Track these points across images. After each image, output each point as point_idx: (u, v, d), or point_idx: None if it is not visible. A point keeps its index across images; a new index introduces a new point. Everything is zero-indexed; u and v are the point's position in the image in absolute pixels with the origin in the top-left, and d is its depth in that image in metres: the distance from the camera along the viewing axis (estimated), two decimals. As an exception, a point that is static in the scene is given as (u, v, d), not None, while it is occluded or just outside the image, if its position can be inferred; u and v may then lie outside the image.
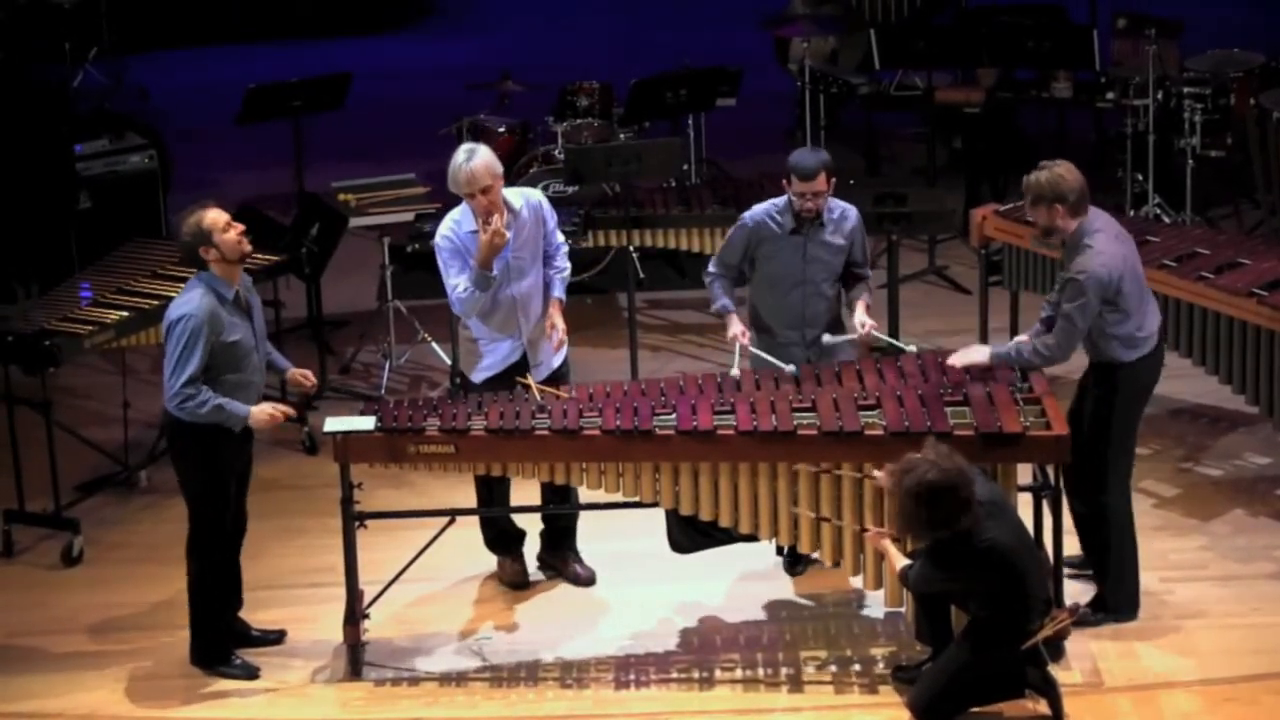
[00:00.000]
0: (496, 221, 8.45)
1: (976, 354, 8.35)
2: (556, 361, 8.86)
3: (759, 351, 8.79)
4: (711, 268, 8.97)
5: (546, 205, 8.83)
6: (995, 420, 7.95)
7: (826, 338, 8.67)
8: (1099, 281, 8.07)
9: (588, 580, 9.02)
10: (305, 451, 10.49)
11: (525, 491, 8.92)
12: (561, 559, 9.08)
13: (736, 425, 8.04)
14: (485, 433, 8.12)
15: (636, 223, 11.05)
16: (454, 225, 8.65)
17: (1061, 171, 8.16)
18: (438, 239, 8.68)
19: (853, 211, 8.87)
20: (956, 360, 8.33)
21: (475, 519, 8.89)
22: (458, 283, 8.57)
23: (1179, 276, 9.44)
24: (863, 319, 8.77)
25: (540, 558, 9.12)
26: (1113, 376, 8.30)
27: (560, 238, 8.90)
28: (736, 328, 8.84)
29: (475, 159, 8.51)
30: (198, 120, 15.12)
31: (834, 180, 8.72)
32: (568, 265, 8.95)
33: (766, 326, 8.86)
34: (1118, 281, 8.11)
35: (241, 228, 8.21)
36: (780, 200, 8.79)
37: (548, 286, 8.82)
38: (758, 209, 8.85)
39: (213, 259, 8.10)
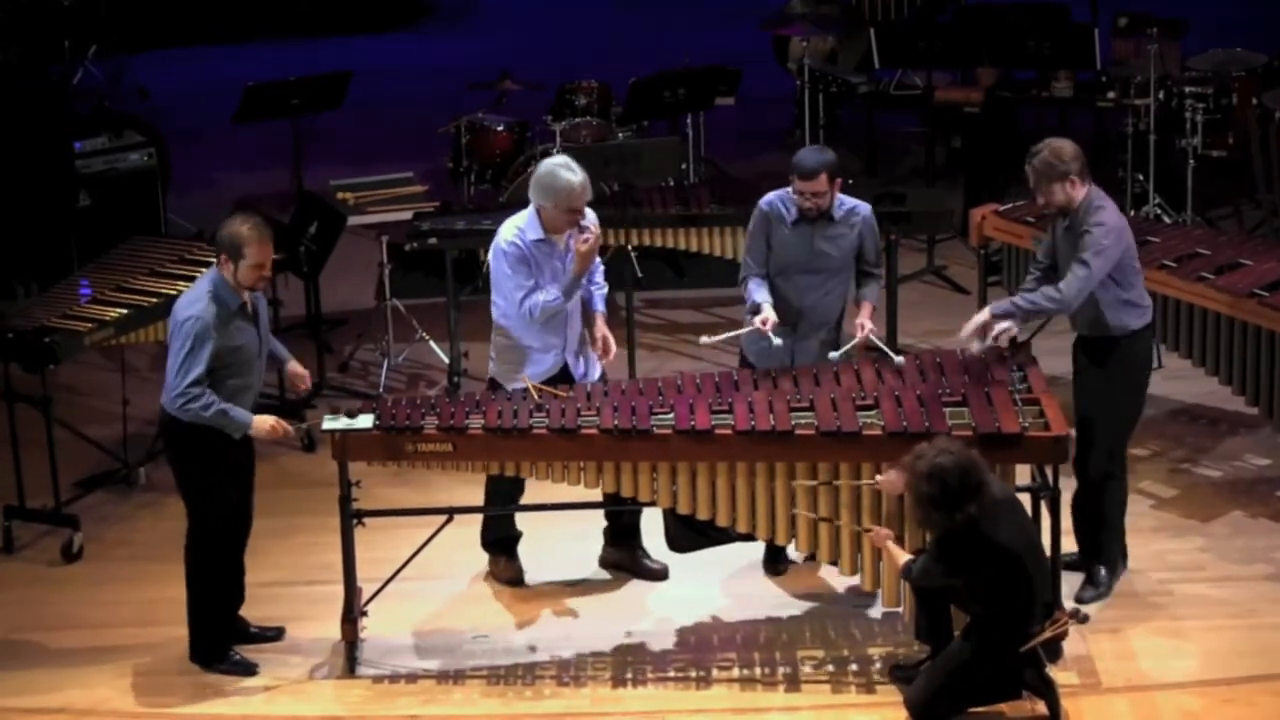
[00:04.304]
0: (596, 229, 8.54)
1: (977, 317, 8.41)
2: (595, 373, 8.86)
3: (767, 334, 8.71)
4: (742, 271, 8.86)
5: (594, 219, 8.78)
6: (994, 421, 7.95)
7: (832, 355, 8.63)
8: (1118, 233, 8.24)
9: (661, 574, 9.00)
10: (304, 449, 10.49)
11: (528, 492, 8.93)
12: (630, 555, 9.05)
13: (734, 425, 8.04)
14: (483, 431, 8.12)
15: (635, 222, 11.04)
16: (519, 233, 8.57)
17: (1057, 144, 8.32)
18: (502, 245, 8.57)
19: (864, 208, 8.81)
20: (963, 332, 8.38)
21: (472, 517, 8.89)
22: (527, 290, 8.49)
23: (1179, 277, 9.44)
24: (863, 321, 8.74)
25: (605, 559, 9.10)
26: (1120, 348, 8.42)
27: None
28: (766, 313, 8.60)
29: (582, 174, 8.50)
30: (197, 118, 15.13)
31: (839, 181, 8.70)
32: (605, 283, 8.99)
33: (782, 316, 8.79)
34: (1128, 242, 8.32)
35: (268, 275, 8.21)
36: (790, 189, 8.75)
37: (586, 302, 8.85)
38: (771, 194, 8.80)
39: (224, 270, 8.09)
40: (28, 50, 15.07)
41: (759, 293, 8.71)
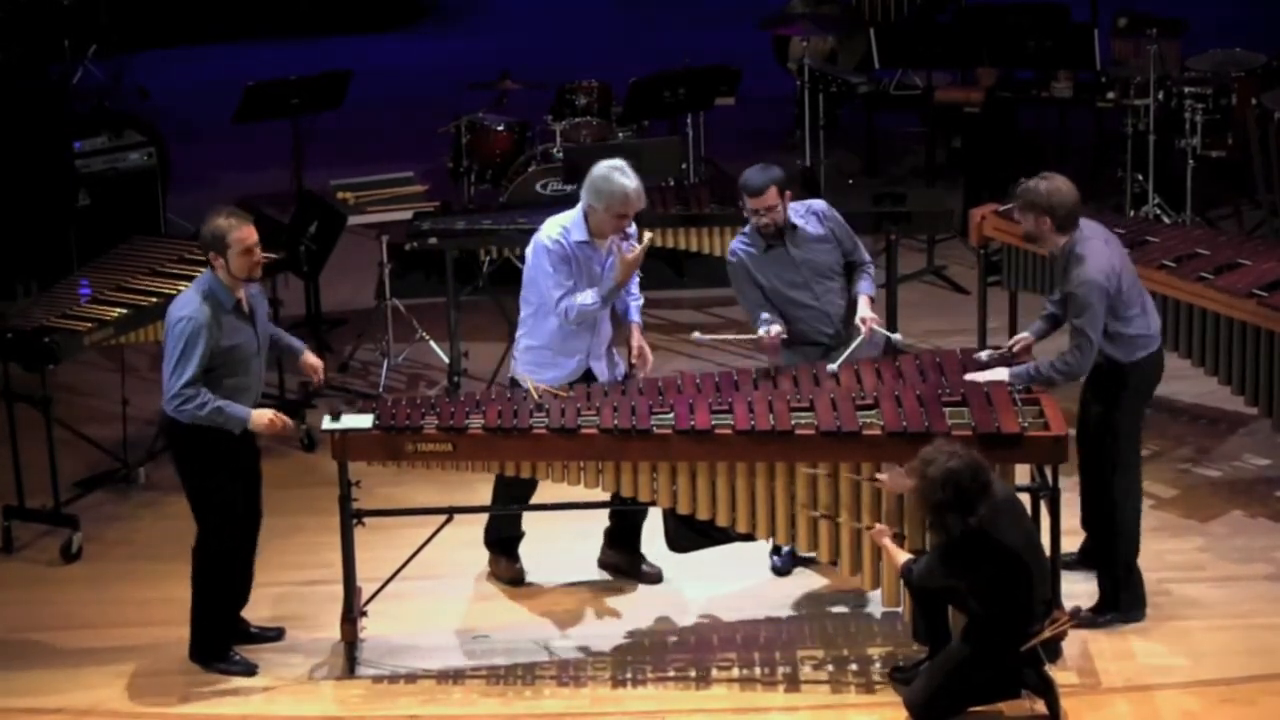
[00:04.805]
0: (647, 239, 8.53)
1: (996, 375, 8.32)
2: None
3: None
4: (751, 320, 8.82)
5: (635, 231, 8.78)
6: (993, 421, 7.95)
7: (830, 368, 8.58)
8: (1100, 288, 8.12)
9: (656, 578, 8.99)
10: (304, 449, 10.50)
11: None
12: (629, 559, 9.04)
13: (734, 425, 8.04)
14: (483, 431, 8.12)
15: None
16: (564, 232, 8.56)
17: (1059, 185, 8.24)
18: (545, 242, 8.55)
19: (818, 203, 8.86)
20: (976, 378, 8.31)
21: (472, 517, 8.89)
22: (566, 290, 8.47)
23: (1179, 277, 9.44)
24: (864, 314, 8.72)
25: (603, 560, 9.09)
26: (1117, 377, 8.32)
27: None
28: (775, 326, 8.59)
29: (636, 180, 8.49)
30: (197, 118, 15.13)
31: (788, 193, 8.68)
32: (641, 294, 8.98)
33: (803, 336, 8.76)
34: (1116, 281, 8.17)
35: (261, 258, 8.17)
36: (746, 227, 8.79)
37: (621, 313, 8.84)
38: (733, 243, 8.84)
39: (218, 268, 8.08)
40: (28, 50, 15.07)
41: (767, 317, 8.66)
